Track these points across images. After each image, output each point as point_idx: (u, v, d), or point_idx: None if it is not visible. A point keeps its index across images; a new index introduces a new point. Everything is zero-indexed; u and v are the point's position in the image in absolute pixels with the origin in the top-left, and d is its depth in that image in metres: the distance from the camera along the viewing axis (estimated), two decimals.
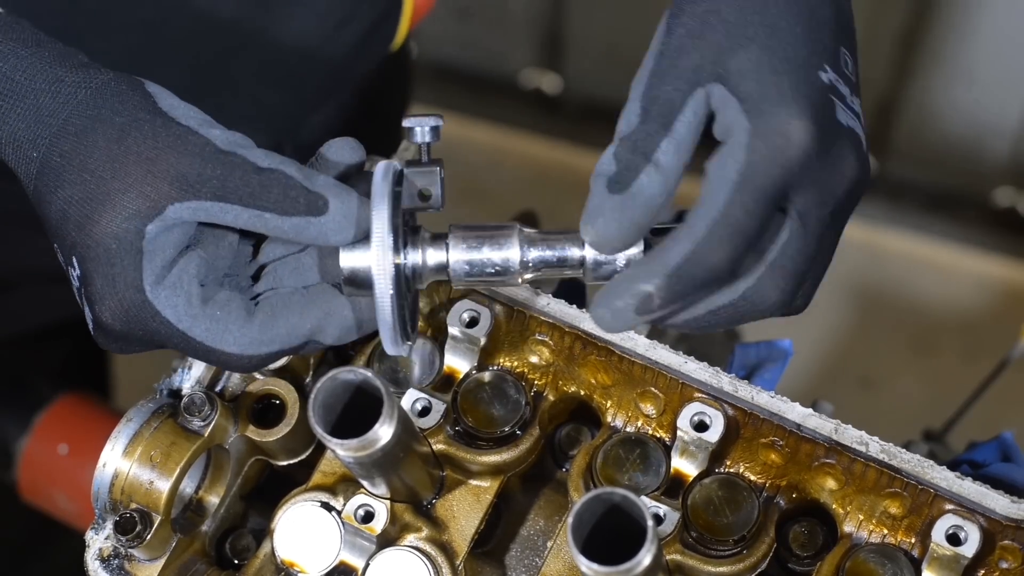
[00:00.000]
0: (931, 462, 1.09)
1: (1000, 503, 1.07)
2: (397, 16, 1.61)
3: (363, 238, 1.02)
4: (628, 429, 1.16)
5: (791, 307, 1.04)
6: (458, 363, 1.17)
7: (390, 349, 1.03)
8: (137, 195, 1.01)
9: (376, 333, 1.03)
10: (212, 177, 1.01)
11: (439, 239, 1.04)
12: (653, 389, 1.14)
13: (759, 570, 1.13)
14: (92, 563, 1.11)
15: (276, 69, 1.51)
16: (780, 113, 0.99)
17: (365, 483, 1.11)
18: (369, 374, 0.97)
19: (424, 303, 1.19)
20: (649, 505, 1.12)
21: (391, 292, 1.01)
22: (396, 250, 1.01)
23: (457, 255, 1.04)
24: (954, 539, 1.08)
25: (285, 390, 1.15)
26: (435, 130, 1.06)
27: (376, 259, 1.00)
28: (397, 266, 1.01)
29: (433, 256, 1.04)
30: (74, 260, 1.03)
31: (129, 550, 1.10)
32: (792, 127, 0.99)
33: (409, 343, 1.05)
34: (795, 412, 1.11)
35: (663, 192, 1.00)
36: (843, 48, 1.05)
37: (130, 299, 1.01)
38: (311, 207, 1.01)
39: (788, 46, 1.01)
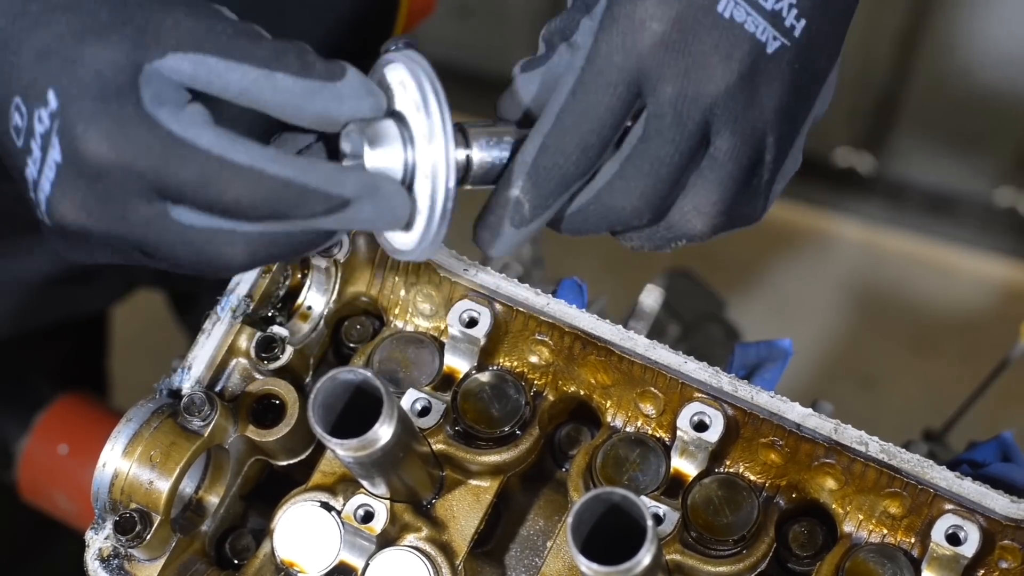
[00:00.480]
0: (931, 462, 1.09)
1: (1000, 503, 1.07)
2: (393, 17, 1.61)
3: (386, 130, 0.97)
4: (628, 429, 1.16)
5: (713, 225, 1.01)
6: (458, 363, 1.17)
7: (430, 251, 0.99)
8: (136, 31, 0.90)
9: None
10: (221, 33, 0.92)
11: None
12: (653, 389, 1.14)
13: (759, 570, 1.13)
14: (92, 563, 1.11)
15: None
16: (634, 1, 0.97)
17: (365, 483, 1.11)
18: (369, 374, 0.97)
19: (426, 305, 1.20)
20: (649, 505, 1.12)
21: (454, 183, 0.97)
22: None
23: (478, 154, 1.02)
24: (954, 539, 1.08)
25: (285, 390, 1.15)
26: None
27: (440, 145, 0.96)
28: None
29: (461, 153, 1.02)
30: (49, 94, 0.90)
31: (129, 550, 1.10)
32: (641, 11, 0.96)
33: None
34: (795, 412, 1.11)
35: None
36: None
37: (126, 113, 0.89)
38: (329, 73, 0.95)
39: None
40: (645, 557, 0.92)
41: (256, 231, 0.92)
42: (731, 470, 1.15)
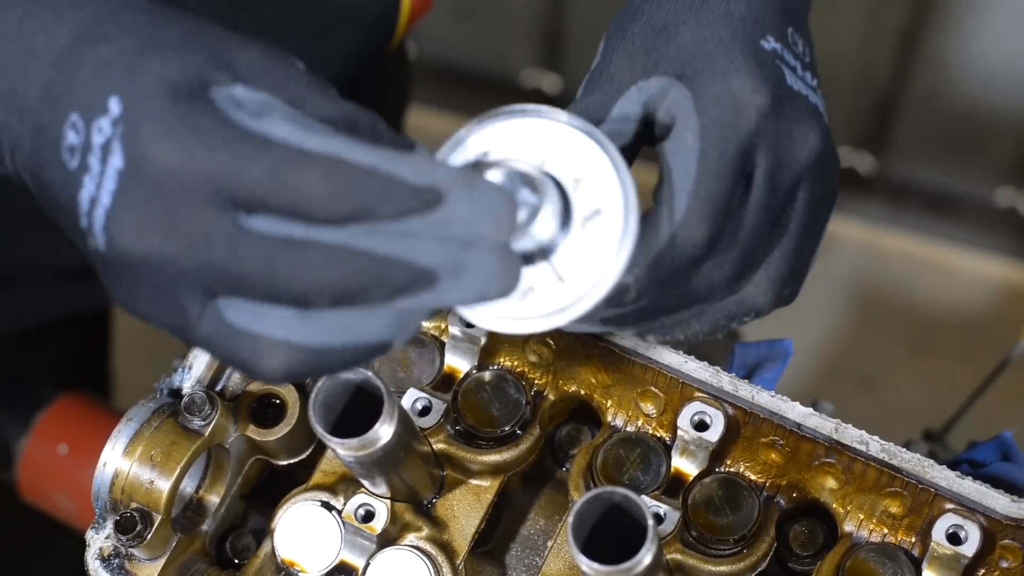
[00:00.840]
0: (931, 461, 1.09)
1: (1000, 502, 1.07)
2: (395, 16, 1.61)
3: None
4: (628, 428, 1.16)
5: (777, 297, 0.99)
6: (458, 363, 1.17)
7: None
8: (209, 53, 0.82)
9: None
10: (295, 80, 0.84)
11: None
12: (653, 388, 1.14)
13: (759, 569, 1.13)
14: (92, 563, 1.11)
15: None
16: (723, 76, 0.94)
17: (366, 483, 1.11)
18: (369, 374, 0.97)
19: None
20: (649, 504, 1.12)
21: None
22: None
23: None
24: (954, 538, 1.08)
25: (285, 389, 1.15)
26: None
27: (623, 263, 0.87)
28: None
29: None
30: (111, 102, 0.80)
31: (129, 550, 1.10)
32: (737, 85, 0.94)
33: None
34: (795, 412, 1.11)
35: None
36: (791, 28, 1.00)
37: (197, 110, 0.78)
38: (400, 144, 0.85)
39: (722, 20, 0.97)
40: (646, 557, 0.92)
41: (339, 241, 0.79)
42: (732, 470, 1.15)
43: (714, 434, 1.12)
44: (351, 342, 0.81)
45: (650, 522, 0.93)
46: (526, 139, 0.90)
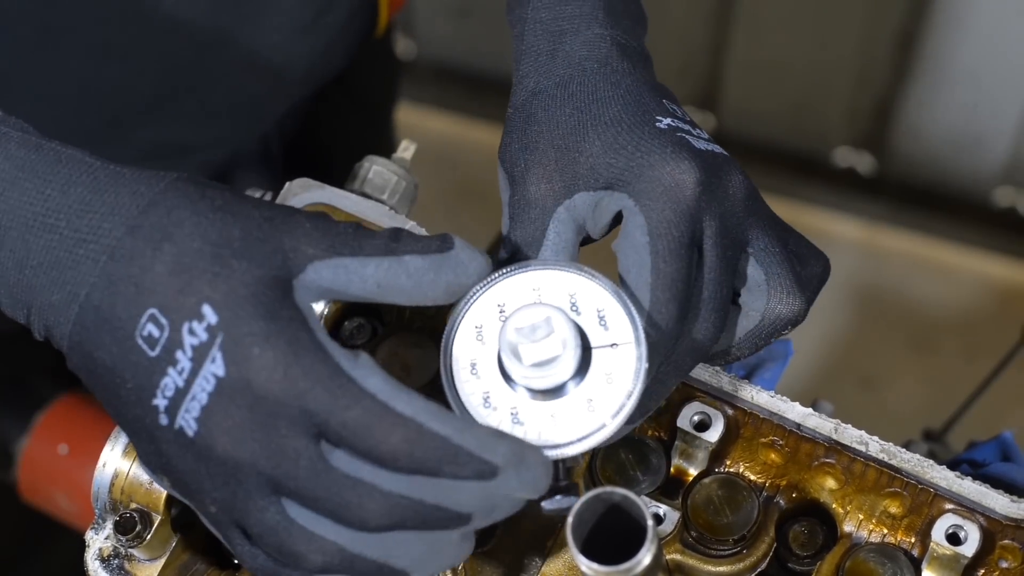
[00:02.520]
0: (931, 462, 1.09)
1: (1000, 503, 1.07)
2: (375, 4, 1.61)
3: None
4: None
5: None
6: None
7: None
8: (274, 248, 0.91)
9: None
10: (346, 235, 0.94)
11: None
12: None
13: (759, 570, 1.13)
14: (92, 563, 1.11)
15: (255, 61, 1.50)
16: (649, 169, 1.00)
17: None
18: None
19: None
20: (649, 505, 1.12)
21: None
22: None
23: None
24: (954, 538, 1.08)
25: None
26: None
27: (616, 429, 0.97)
28: None
29: None
30: (204, 308, 0.89)
31: (129, 550, 1.10)
32: (667, 172, 1.00)
33: None
34: (795, 412, 1.11)
35: None
36: (665, 100, 1.06)
37: (301, 340, 0.89)
38: (442, 244, 0.96)
39: (618, 122, 1.03)
40: (645, 557, 0.92)
41: (401, 488, 0.91)
42: (731, 470, 1.15)
43: (714, 434, 1.12)
44: (383, 560, 0.92)
45: (650, 522, 0.93)
46: (534, 289, 1.01)
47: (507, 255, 1.06)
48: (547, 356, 0.96)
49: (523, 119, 1.08)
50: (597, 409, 0.97)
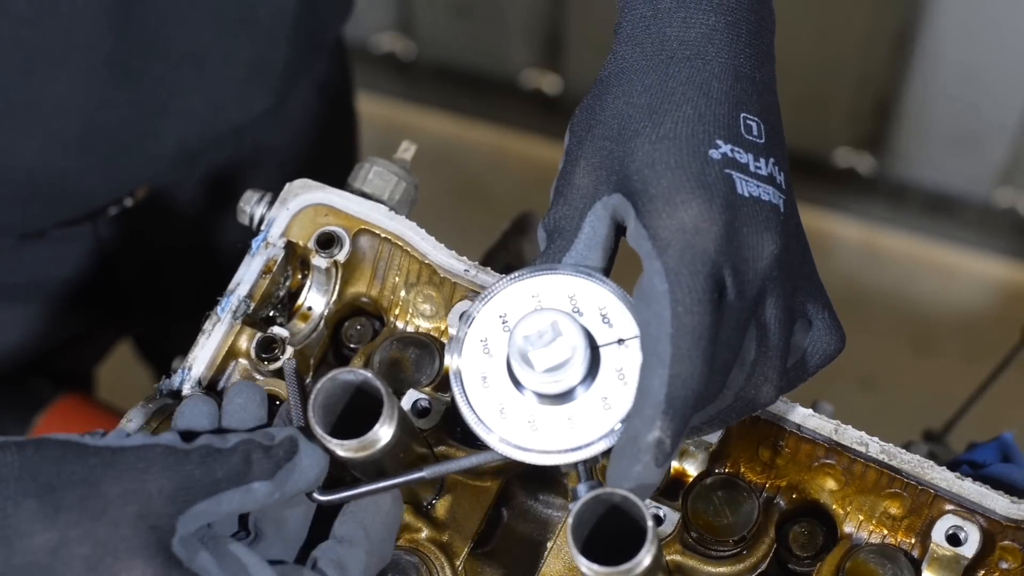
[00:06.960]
0: (931, 462, 1.09)
1: (1000, 503, 1.07)
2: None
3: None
4: None
5: (779, 389, 1.02)
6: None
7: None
8: (148, 530, 0.95)
9: None
10: (199, 477, 0.97)
11: None
12: None
13: (759, 570, 1.13)
14: None
15: (226, 69, 1.50)
16: (675, 208, 0.98)
17: None
18: (369, 375, 0.97)
19: (426, 306, 1.19)
20: (649, 506, 1.12)
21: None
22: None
23: None
24: (954, 539, 1.08)
25: (285, 391, 1.15)
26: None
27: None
28: None
29: None
30: None
31: None
32: (689, 218, 0.97)
33: None
34: (795, 412, 1.11)
35: None
36: (744, 114, 1.02)
37: None
38: (287, 452, 0.99)
39: (671, 136, 1.00)
40: (645, 558, 0.92)
41: None
42: (731, 471, 1.15)
43: (714, 435, 1.12)
44: None
45: (650, 523, 0.93)
46: (533, 295, 1.02)
47: (545, 234, 1.04)
48: (559, 359, 0.97)
49: (599, 95, 1.05)
50: (613, 406, 0.98)
